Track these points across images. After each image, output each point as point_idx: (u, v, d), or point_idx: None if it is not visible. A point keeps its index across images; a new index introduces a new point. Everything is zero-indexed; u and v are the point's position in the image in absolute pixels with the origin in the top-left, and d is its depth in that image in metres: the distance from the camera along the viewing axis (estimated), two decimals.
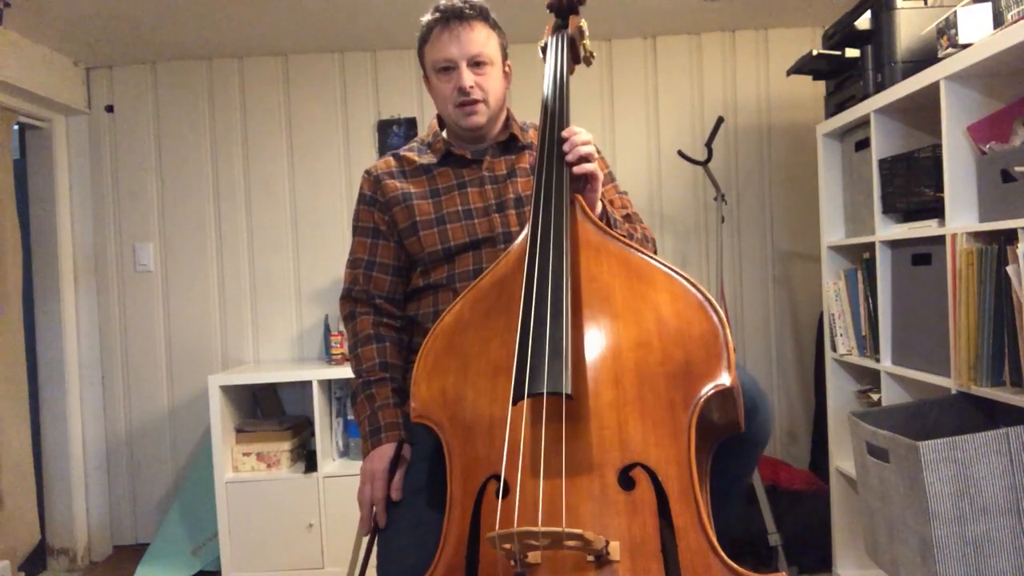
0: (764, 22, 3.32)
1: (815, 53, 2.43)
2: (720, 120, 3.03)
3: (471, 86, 1.50)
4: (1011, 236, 1.70)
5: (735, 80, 3.40)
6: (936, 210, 2.05)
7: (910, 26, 2.18)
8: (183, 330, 3.41)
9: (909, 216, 2.21)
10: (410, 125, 3.36)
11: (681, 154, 3.13)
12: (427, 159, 1.61)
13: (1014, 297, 1.66)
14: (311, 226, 3.41)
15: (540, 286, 1.16)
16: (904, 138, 2.26)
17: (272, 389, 3.33)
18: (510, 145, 1.61)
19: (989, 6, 1.84)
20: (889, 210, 2.26)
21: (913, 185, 2.13)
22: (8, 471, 2.80)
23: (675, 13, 3.14)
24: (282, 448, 2.99)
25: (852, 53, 2.36)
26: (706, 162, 3.07)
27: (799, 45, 3.17)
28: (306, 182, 3.41)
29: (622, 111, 3.41)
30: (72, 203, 3.36)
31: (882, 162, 2.26)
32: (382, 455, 1.44)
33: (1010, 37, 1.68)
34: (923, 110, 2.14)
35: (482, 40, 1.50)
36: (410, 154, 1.63)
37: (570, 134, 1.34)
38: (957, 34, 1.89)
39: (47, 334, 3.26)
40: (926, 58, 2.09)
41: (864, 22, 2.29)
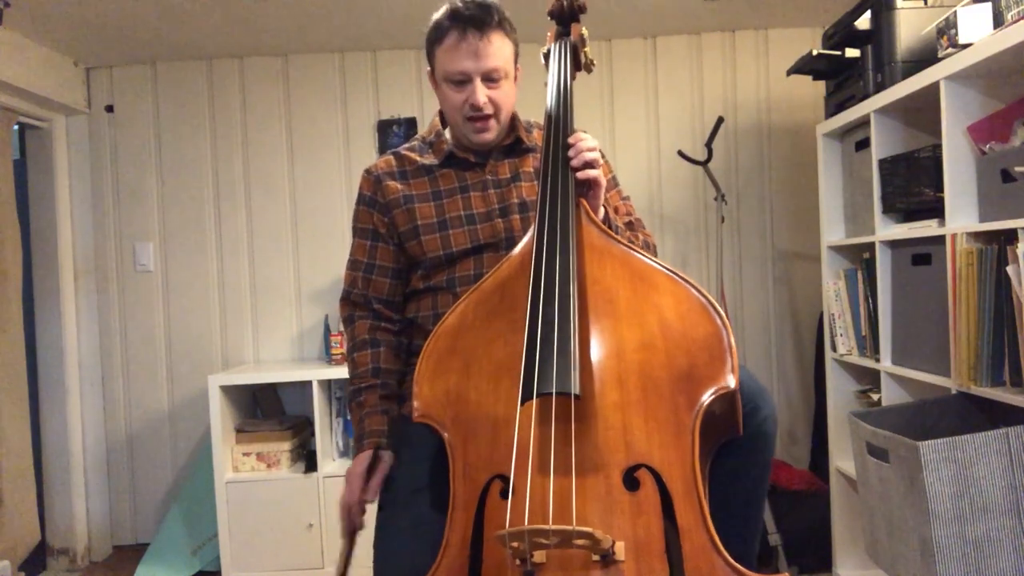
0: (764, 22, 3.32)
1: (815, 53, 2.44)
2: (720, 120, 3.04)
3: (484, 103, 1.45)
4: (1011, 236, 1.70)
5: (735, 80, 3.40)
6: (936, 210, 2.05)
7: (910, 26, 2.18)
8: (183, 330, 3.41)
9: (909, 216, 2.22)
10: (410, 125, 3.36)
11: (681, 154, 3.13)
12: (429, 159, 1.58)
13: (1014, 297, 1.66)
14: (311, 226, 3.41)
15: (547, 288, 1.17)
16: (904, 138, 2.27)
17: (272, 389, 3.33)
18: (514, 147, 1.58)
19: (989, 6, 1.84)
20: (889, 210, 2.27)
21: (913, 185, 2.13)
22: (8, 471, 2.80)
23: (675, 13, 3.14)
24: (282, 448, 2.99)
25: (852, 53, 2.37)
26: (706, 162, 3.08)
27: (799, 45, 3.16)
28: (306, 182, 3.41)
29: (622, 111, 3.41)
30: (72, 203, 3.36)
31: (882, 162, 2.26)
32: (360, 460, 1.48)
33: (1010, 37, 1.68)
34: (923, 110, 2.14)
35: (498, 53, 1.44)
36: (411, 153, 1.59)
37: (576, 140, 1.35)
38: (957, 34, 1.89)
39: (47, 334, 3.26)
40: (926, 58, 2.09)
41: (864, 22, 2.30)
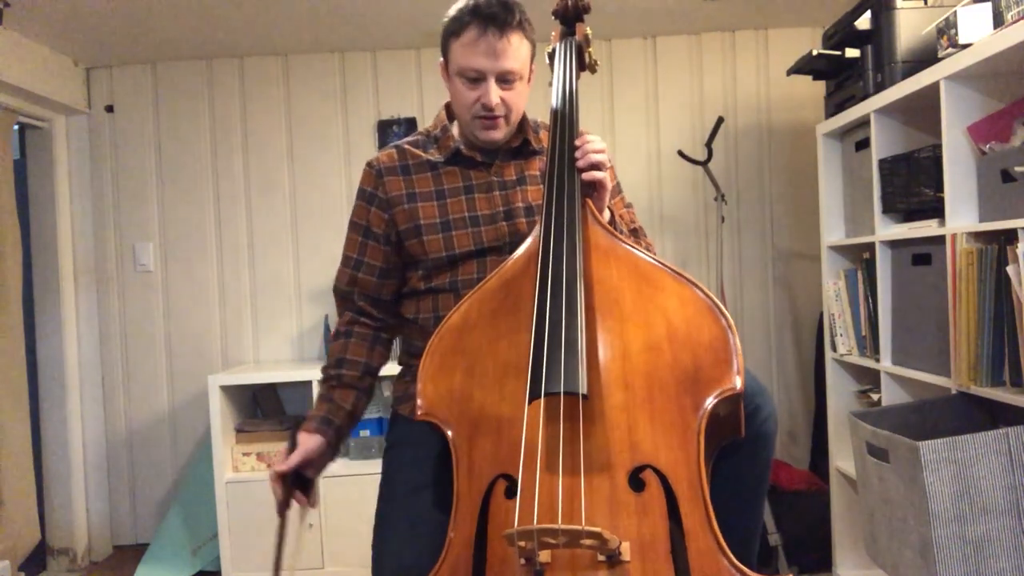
0: (764, 22, 3.32)
1: (815, 53, 2.44)
2: (720, 120, 3.04)
3: (497, 103, 1.42)
4: (1011, 236, 1.70)
5: (735, 80, 3.40)
6: (936, 210, 2.05)
7: (910, 26, 2.19)
8: (183, 330, 3.41)
9: (909, 216, 2.22)
10: (410, 125, 3.36)
11: (681, 154, 3.13)
12: (433, 155, 1.53)
13: (1014, 297, 1.66)
14: (311, 226, 3.41)
15: (554, 288, 1.17)
16: (904, 138, 2.27)
17: (272, 389, 3.33)
18: (521, 149, 1.55)
19: (989, 6, 1.84)
20: (889, 210, 2.27)
21: (913, 185, 2.13)
22: (8, 471, 2.80)
23: (675, 13, 3.14)
24: (282, 448, 2.98)
25: (852, 53, 2.37)
26: (706, 162, 3.08)
27: (799, 45, 3.16)
28: (306, 182, 3.41)
29: (622, 111, 3.41)
30: (72, 203, 3.36)
31: (882, 162, 2.26)
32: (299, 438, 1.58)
33: (1010, 37, 1.68)
34: (923, 110, 2.14)
35: (516, 55, 1.41)
36: (414, 148, 1.55)
37: (583, 141, 1.33)
38: (957, 34, 1.89)
39: (47, 334, 3.26)
40: (926, 58, 2.09)
41: (864, 22, 2.30)
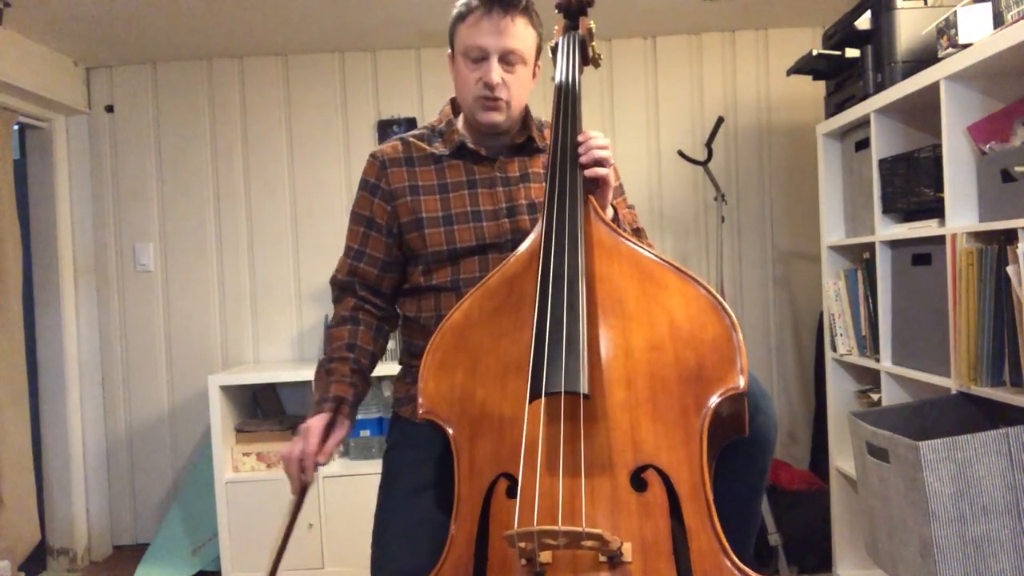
0: (764, 22, 3.32)
1: (815, 53, 2.44)
2: (720, 120, 3.04)
3: (498, 83, 1.42)
4: (1011, 236, 1.70)
5: (735, 80, 3.40)
6: (936, 210, 2.05)
7: (910, 26, 2.18)
8: (183, 330, 3.41)
9: (909, 216, 2.22)
10: (410, 125, 3.36)
11: (681, 154, 3.13)
12: (438, 148, 1.53)
13: (1014, 297, 1.66)
14: (311, 226, 3.41)
15: (556, 286, 1.16)
16: (904, 138, 2.27)
17: (272, 389, 3.33)
18: (525, 146, 1.55)
19: (989, 6, 1.84)
20: (889, 210, 2.27)
21: (913, 185, 2.13)
22: (8, 471, 2.79)
23: (675, 13, 3.14)
24: (282, 448, 2.98)
25: (852, 53, 2.37)
26: (706, 162, 3.08)
27: (799, 45, 3.16)
28: (306, 182, 3.41)
29: (622, 111, 3.41)
30: (72, 203, 3.35)
31: (882, 162, 2.26)
32: (320, 418, 1.45)
33: (1010, 37, 1.68)
34: (923, 110, 2.14)
35: (520, 36, 1.42)
36: (419, 141, 1.55)
37: (586, 137, 1.33)
38: (957, 34, 1.89)
39: (47, 334, 3.26)
40: (926, 58, 2.09)
41: (864, 22, 2.30)
